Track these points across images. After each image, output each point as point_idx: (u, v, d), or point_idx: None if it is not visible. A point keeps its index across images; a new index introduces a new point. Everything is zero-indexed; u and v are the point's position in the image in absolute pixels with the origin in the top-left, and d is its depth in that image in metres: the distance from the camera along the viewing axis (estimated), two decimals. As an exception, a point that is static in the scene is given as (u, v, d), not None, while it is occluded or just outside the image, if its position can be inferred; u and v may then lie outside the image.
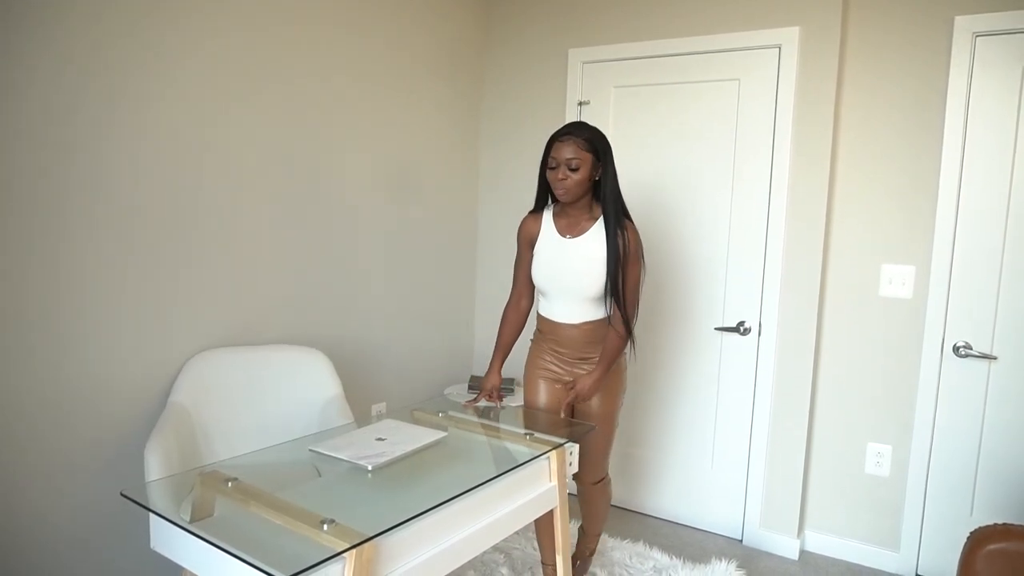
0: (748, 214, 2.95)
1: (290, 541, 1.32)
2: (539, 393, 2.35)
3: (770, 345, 2.93)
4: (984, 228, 2.60)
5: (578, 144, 2.11)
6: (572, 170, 2.11)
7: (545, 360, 2.35)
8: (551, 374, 2.34)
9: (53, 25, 1.85)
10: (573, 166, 2.10)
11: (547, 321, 2.33)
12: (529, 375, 2.39)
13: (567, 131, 2.14)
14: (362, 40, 2.82)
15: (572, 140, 2.11)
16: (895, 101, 2.71)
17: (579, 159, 2.10)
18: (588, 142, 2.12)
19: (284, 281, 2.60)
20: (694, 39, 2.99)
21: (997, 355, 2.61)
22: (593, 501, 2.48)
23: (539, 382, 2.35)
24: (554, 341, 2.32)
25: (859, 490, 2.88)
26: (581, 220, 2.23)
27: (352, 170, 2.84)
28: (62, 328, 1.95)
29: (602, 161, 2.15)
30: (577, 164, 2.10)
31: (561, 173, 2.12)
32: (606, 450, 2.37)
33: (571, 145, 2.11)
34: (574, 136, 2.12)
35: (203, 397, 2.19)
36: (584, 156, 2.11)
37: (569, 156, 2.10)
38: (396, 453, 1.74)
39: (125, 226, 2.07)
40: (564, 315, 2.26)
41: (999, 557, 1.63)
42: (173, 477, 1.73)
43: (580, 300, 2.22)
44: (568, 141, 2.11)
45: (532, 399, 2.37)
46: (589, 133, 2.14)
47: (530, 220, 2.34)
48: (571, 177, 2.11)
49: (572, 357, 2.30)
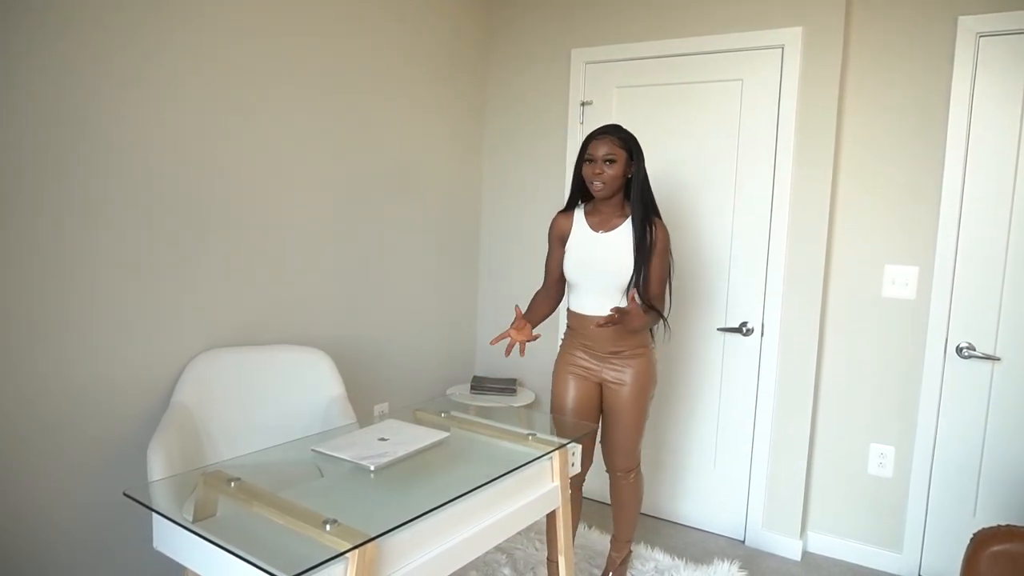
0: (751, 215, 2.95)
1: (293, 541, 1.32)
2: (568, 389, 2.41)
3: (773, 346, 2.93)
4: (987, 229, 2.59)
5: (614, 141, 2.24)
6: (608, 163, 2.23)
7: (575, 356, 2.41)
8: (581, 370, 2.40)
9: (62, 26, 1.85)
10: (609, 159, 2.23)
11: (577, 316, 2.39)
12: (558, 372, 2.45)
13: (604, 130, 2.28)
14: (365, 42, 2.82)
15: (608, 138, 2.24)
16: (898, 101, 2.71)
17: (615, 155, 2.23)
18: (623, 140, 2.26)
19: (287, 282, 2.60)
20: (697, 39, 2.99)
21: (1000, 356, 2.61)
22: (623, 497, 2.52)
23: (568, 378, 2.41)
24: (583, 335, 2.38)
25: (862, 491, 2.88)
26: (612, 217, 2.34)
27: (356, 171, 2.84)
28: (66, 328, 1.95)
29: (635, 160, 2.27)
30: (613, 159, 2.23)
31: (597, 168, 2.24)
32: (636, 438, 2.42)
33: (607, 142, 2.24)
34: (610, 134, 2.25)
35: (206, 397, 2.20)
36: (619, 152, 2.24)
37: (605, 152, 2.23)
38: (398, 453, 1.74)
39: (129, 227, 2.08)
40: (594, 307, 2.33)
41: (1002, 558, 1.63)
42: (176, 477, 1.73)
43: (610, 292, 2.31)
44: (604, 139, 2.25)
45: (561, 394, 2.42)
46: (624, 133, 2.28)
47: (561, 218, 2.43)
48: (606, 171, 2.23)
49: (602, 351, 2.35)
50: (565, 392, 2.41)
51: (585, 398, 2.39)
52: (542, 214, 3.47)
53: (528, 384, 3.58)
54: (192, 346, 2.28)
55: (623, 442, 2.40)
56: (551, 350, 3.47)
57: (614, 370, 2.35)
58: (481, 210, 3.66)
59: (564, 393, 2.41)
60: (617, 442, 2.40)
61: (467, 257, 3.60)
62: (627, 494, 2.51)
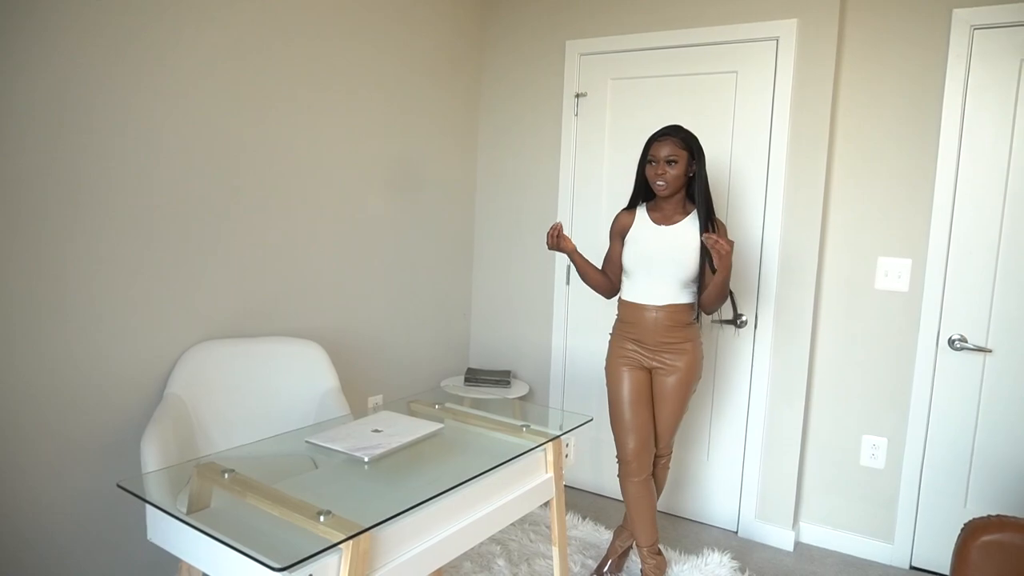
0: (745, 207, 2.95)
1: (287, 532, 1.32)
2: (624, 379, 2.45)
3: (766, 338, 2.94)
4: (980, 222, 2.60)
5: (675, 143, 2.31)
6: (670, 163, 2.31)
7: (626, 349, 2.47)
8: (632, 361, 2.46)
9: (62, 29, 1.84)
10: (672, 160, 2.30)
11: (630, 305, 2.45)
12: (611, 365, 2.50)
13: (665, 132, 2.34)
14: (359, 36, 2.81)
15: (670, 139, 2.32)
16: (893, 94, 2.71)
17: (676, 156, 2.30)
18: (684, 141, 2.32)
19: (281, 274, 2.59)
20: (692, 31, 2.98)
21: (992, 348, 2.62)
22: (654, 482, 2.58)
23: (623, 369, 2.46)
24: (634, 326, 2.43)
25: (854, 482, 2.90)
26: (674, 214, 2.42)
27: (350, 164, 2.83)
28: (58, 321, 1.94)
29: (696, 160, 2.34)
30: (675, 160, 2.30)
31: (660, 168, 2.33)
32: (676, 426, 2.50)
33: (669, 143, 2.31)
34: (672, 136, 2.32)
35: (200, 389, 2.19)
36: (681, 153, 2.31)
37: (667, 153, 2.31)
38: (392, 445, 1.75)
39: (122, 220, 2.07)
40: (649, 297, 2.40)
41: (993, 548, 1.64)
42: (170, 469, 1.73)
43: (668, 283, 2.38)
44: (666, 140, 2.32)
45: (617, 385, 2.47)
46: (685, 133, 2.33)
47: (624, 215, 2.51)
48: (669, 172, 2.31)
49: (653, 343, 2.41)
50: (620, 383, 2.46)
51: (641, 385, 2.45)
52: (536, 207, 3.47)
53: (522, 376, 3.58)
54: (186, 338, 2.28)
55: (665, 429, 2.48)
56: (546, 343, 3.49)
57: (664, 361, 2.42)
58: (476, 202, 3.65)
59: (620, 384, 2.46)
60: (659, 429, 2.48)
61: (462, 249, 3.60)
62: (658, 478, 2.59)
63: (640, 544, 2.49)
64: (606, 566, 2.61)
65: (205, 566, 1.39)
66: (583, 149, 3.31)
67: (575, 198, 3.34)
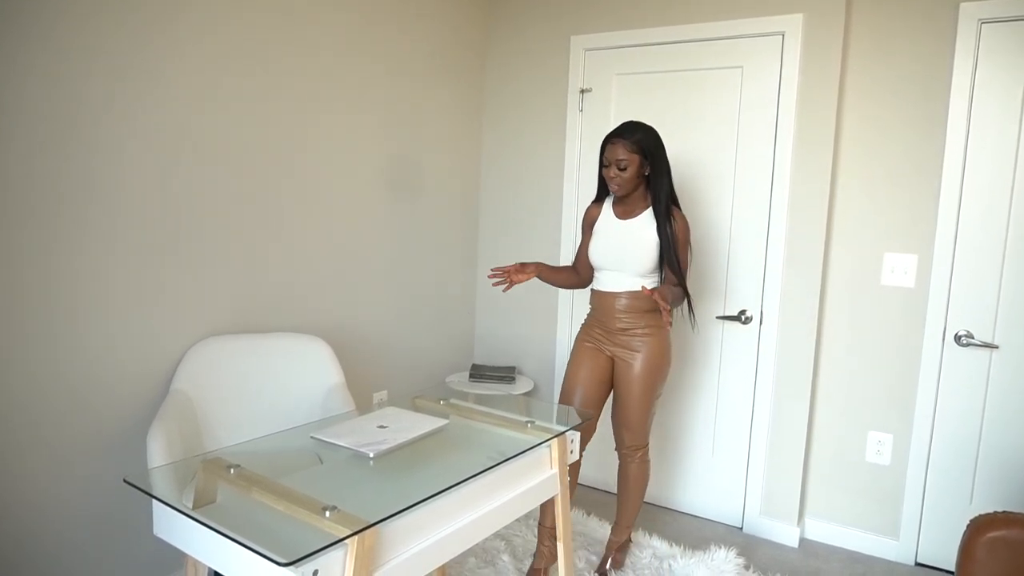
0: (750, 203, 2.94)
1: (292, 528, 1.32)
2: (582, 360, 2.51)
3: (771, 334, 2.93)
4: (987, 217, 2.59)
5: (625, 146, 2.31)
6: (621, 169, 2.33)
7: (593, 331, 2.53)
8: (594, 344, 2.52)
9: (76, 32, 1.84)
10: (622, 166, 2.32)
11: (596, 293, 2.52)
12: (576, 345, 2.57)
13: (618, 133, 2.35)
14: (364, 29, 2.81)
15: (621, 142, 2.32)
16: (899, 89, 2.70)
17: (627, 160, 2.32)
18: (636, 143, 2.32)
19: (286, 270, 2.60)
20: (697, 26, 2.97)
21: (999, 344, 2.61)
22: (629, 478, 2.59)
23: (583, 349, 2.53)
24: (600, 311, 2.50)
25: (859, 478, 2.89)
26: (635, 207, 2.45)
27: (356, 162, 2.83)
28: (64, 317, 1.95)
29: (650, 158, 2.35)
30: (625, 164, 2.32)
31: (612, 172, 2.35)
32: (643, 416, 2.49)
33: (620, 147, 2.32)
34: (623, 138, 2.32)
35: (205, 384, 2.20)
36: (632, 157, 2.32)
37: (619, 157, 2.32)
38: (397, 441, 1.75)
39: (131, 218, 2.07)
40: (613, 285, 2.46)
41: (999, 544, 1.63)
42: (175, 464, 1.74)
43: (626, 273, 2.43)
44: (617, 143, 2.33)
45: (575, 364, 2.53)
46: (638, 134, 2.33)
47: (593, 207, 2.57)
48: (620, 176, 2.34)
49: (615, 327, 2.45)
50: (579, 364, 2.51)
51: (596, 370, 2.49)
52: (540, 203, 3.47)
53: (527, 372, 3.58)
54: (191, 334, 2.28)
55: (630, 418, 2.48)
56: (550, 339, 3.49)
57: (626, 347, 2.45)
58: (480, 198, 3.65)
59: (578, 363, 2.52)
60: (624, 418, 2.49)
61: (466, 245, 3.59)
62: (633, 474, 2.57)
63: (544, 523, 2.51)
64: (607, 563, 2.61)
65: (211, 561, 1.40)
66: (588, 145, 3.30)
67: (579, 193, 3.34)
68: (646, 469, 2.59)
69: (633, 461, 2.57)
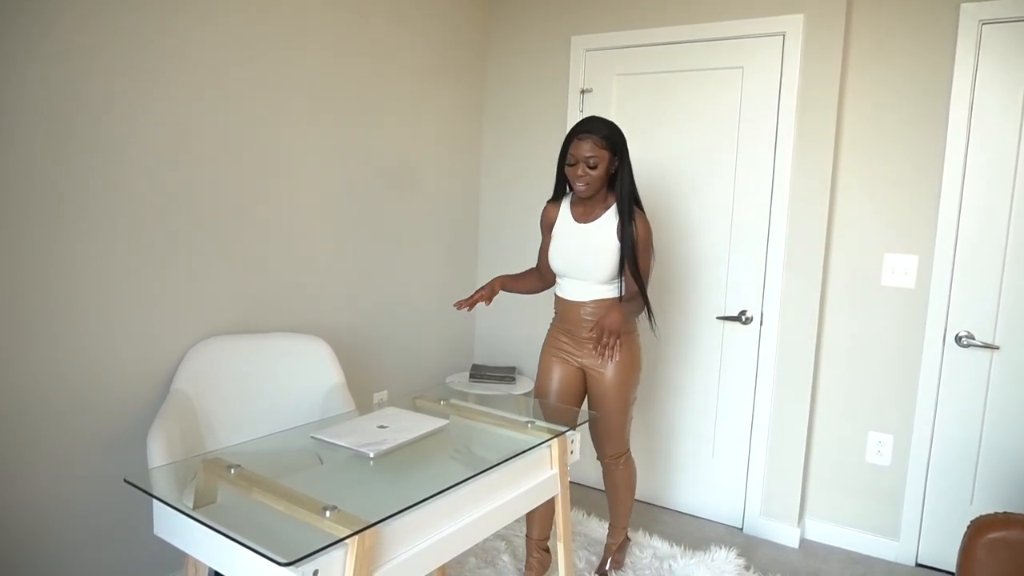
0: (751, 203, 2.94)
1: (292, 528, 1.32)
2: (552, 373, 2.44)
3: (772, 334, 2.93)
4: (987, 218, 2.59)
5: (595, 142, 2.16)
6: (591, 168, 2.17)
7: (559, 340, 2.44)
8: (564, 355, 2.43)
9: (75, 32, 1.85)
10: (592, 164, 2.17)
11: (561, 300, 2.42)
12: (543, 356, 2.49)
13: (586, 128, 2.18)
14: (364, 30, 2.81)
15: (590, 138, 2.16)
16: (899, 89, 2.70)
17: (597, 156, 2.16)
18: (606, 140, 2.17)
19: (287, 269, 2.60)
20: (697, 26, 2.97)
21: (999, 345, 2.61)
22: (617, 484, 2.54)
23: (552, 362, 2.45)
24: (566, 320, 2.41)
25: (860, 479, 2.89)
26: (595, 208, 2.31)
27: (354, 160, 2.83)
28: (65, 317, 1.95)
29: (618, 156, 2.22)
30: (595, 162, 2.17)
31: (580, 170, 2.19)
32: (621, 424, 2.43)
33: (589, 143, 2.16)
34: (593, 134, 2.17)
35: (206, 384, 2.20)
36: (601, 153, 2.17)
37: (588, 154, 2.16)
38: (398, 441, 1.75)
39: (128, 215, 2.07)
40: (574, 293, 2.36)
41: (1000, 545, 1.63)
42: (176, 464, 1.74)
43: (589, 280, 2.32)
44: (587, 139, 2.16)
45: (544, 378, 2.46)
46: (607, 130, 2.19)
47: (550, 208, 2.44)
48: (590, 174, 2.18)
49: (582, 336, 2.37)
50: (549, 376, 2.44)
51: (567, 382, 2.42)
52: (540, 203, 3.45)
53: (527, 372, 3.58)
54: (192, 334, 2.28)
55: (608, 428, 2.42)
56: (550, 338, 3.48)
57: (593, 357, 2.35)
58: (480, 198, 3.65)
59: (547, 377, 2.45)
60: (603, 428, 2.43)
61: (466, 245, 3.59)
62: (620, 480, 2.53)
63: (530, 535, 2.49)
64: (607, 564, 2.61)
65: (211, 561, 1.40)
66: (588, 145, 3.30)
67: (580, 194, 3.33)
68: (632, 470, 2.55)
69: (617, 467, 2.50)
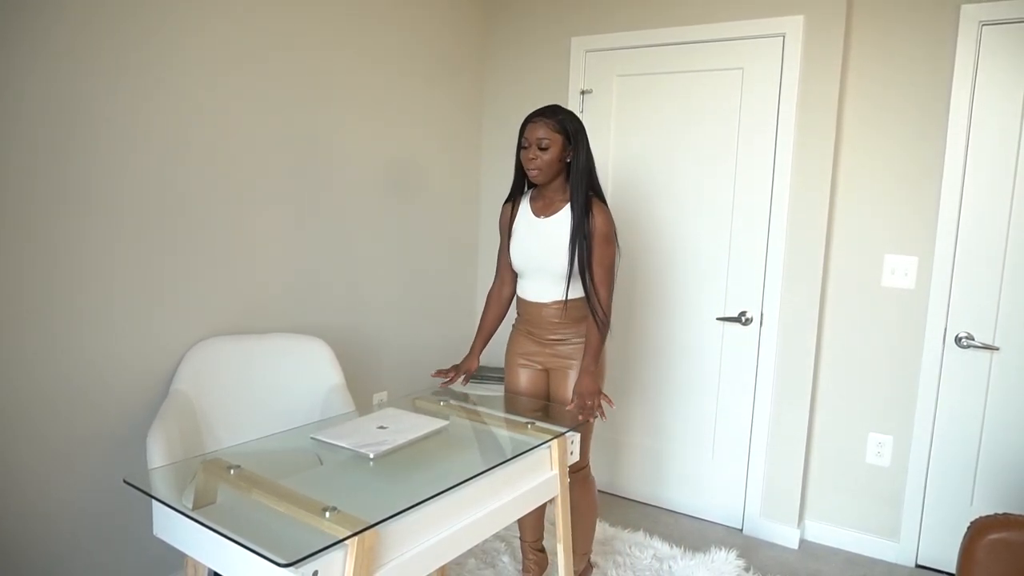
0: (751, 204, 2.94)
1: (292, 528, 1.32)
2: (519, 378, 2.39)
3: (772, 335, 2.93)
4: (988, 219, 2.59)
5: (548, 125, 2.14)
6: (542, 150, 2.14)
7: (523, 343, 2.38)
8: (526, 359, 2.37)
9: (76, 32, 1.85)
10: (543, 146, 2.14)
11: (522, 302, 2.35)
12: (508, 361, 2.43)
13: (539, 112, 2.18)
14: (364, 30, 2.81)
15: (543, 121, 2.15)
16: (899, 90, 2.70)
17: (549, 139, 2.14)
18: (559, 123, 2.15)
19: (287, 270, 2.60)
20: (698, 27, 2.97)
21: (999, 346, 2.61)
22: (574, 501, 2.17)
23: (517, 369, 2.39)
24: (528, 322, 2.34)
25: (860, 480, 2.89)
26: (555, 201, 2.25)
27: (355, 162, 2.83)
28: (64, 317, 1.95)
29: (573, 143, 2.17)
30: (547, 144, 2.14)
31: (532, 153, 2.16)
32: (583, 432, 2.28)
33: (542, 126, 2.15)
34: (545, 117, 2.16)
35: (205, 385, 2.20)
36: (554, 137, 2.14)
37: (540, 136, 2.14)
38: (397, 441, 1.75)
39: (128, 215, 2.07)
40: (536, 294, 2.29)
41: (1000, 546, 1.63)
42: (176, 464, 1.74)
43: (549, 279, 2.25)
44: (539, 122, 2.15)
45: (512, 383, 2.42)
46: (561, 115, 2.17)
47: (505, 208, 2.39)
48: (541, 157, 2.15)
49: (545, 338, 2.32)
50: (516, 379, 2.40)
51: (533, 385, 2.38)
52: (542, 203, 3.46)
53: (527, 373, 3.58)
54: (192, 334, 2.28)
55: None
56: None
57: (558, 357, 2.31)
58: (480, 200, 3.65)
59: (515, 381, 2.41)
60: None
61: (466, 246, 3.59)
62: (577, 496, 2.23)
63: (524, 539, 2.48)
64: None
65: (211, 561, 1.40)
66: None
67: (580, 195, 3.33)
68: (592, 490, 2.37)
69: (575, 483, 2.20)
